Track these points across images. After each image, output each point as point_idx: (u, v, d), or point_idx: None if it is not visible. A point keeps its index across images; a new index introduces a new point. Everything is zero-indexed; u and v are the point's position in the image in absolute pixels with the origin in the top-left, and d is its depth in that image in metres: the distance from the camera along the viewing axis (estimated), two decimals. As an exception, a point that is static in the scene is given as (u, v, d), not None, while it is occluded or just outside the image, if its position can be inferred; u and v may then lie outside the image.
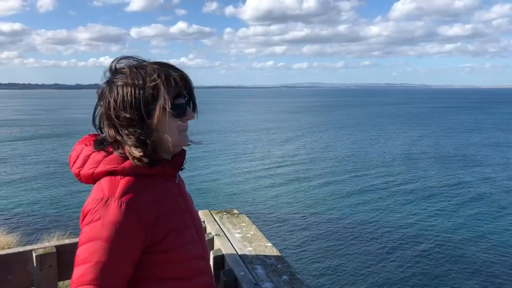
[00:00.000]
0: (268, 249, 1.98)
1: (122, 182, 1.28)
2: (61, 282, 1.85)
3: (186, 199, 1.46)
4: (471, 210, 19.30)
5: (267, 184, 24.46)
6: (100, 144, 1.35)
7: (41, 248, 1.86)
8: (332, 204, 20.67)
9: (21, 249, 1.86)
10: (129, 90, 1.29)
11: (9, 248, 7.50)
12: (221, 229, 2.24)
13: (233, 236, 2.13)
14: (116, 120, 1.30)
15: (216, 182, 24.84)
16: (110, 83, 1.34)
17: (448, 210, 19.48)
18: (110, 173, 1.30)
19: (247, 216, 2.48)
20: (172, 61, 1.38)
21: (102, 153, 1.32)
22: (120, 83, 1.31)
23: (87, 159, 1.34)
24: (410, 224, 17.62)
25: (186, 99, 1.36)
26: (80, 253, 1.22)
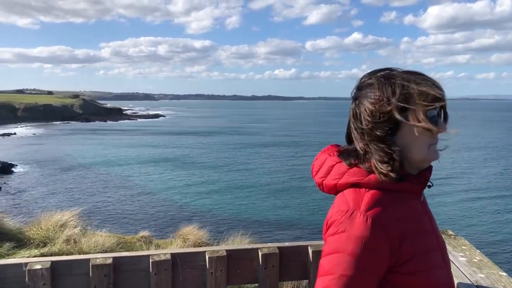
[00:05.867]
0: (504, 278, 1.76)
1: (367, 195, 1.24)
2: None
3: (431, 218, 1.36)
4: None
5: (480, 207, 22.05)
6: (344, 155, 1.34)
7: (266, 247, 1.96)
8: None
9: (248, 246, 1.99)
10: (377, 103, 1.25)
11: (201, 243, 8.32)
12: (441, 249, 2.08)
13: (457, 260, 1.95)
14: (366, 134, 1.28)
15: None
16: (358, 96, 1.33)
17: None
18: (354, 185, 1.28)
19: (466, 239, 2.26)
20: (344, 72, 1.28)
21: (346, 165, 1.31)
22: (367, 96, 1.28)
23: (330, 170, 1.35)
24: None
25: (438, 110, 1.26)
26: (324, 263, 1.22)
